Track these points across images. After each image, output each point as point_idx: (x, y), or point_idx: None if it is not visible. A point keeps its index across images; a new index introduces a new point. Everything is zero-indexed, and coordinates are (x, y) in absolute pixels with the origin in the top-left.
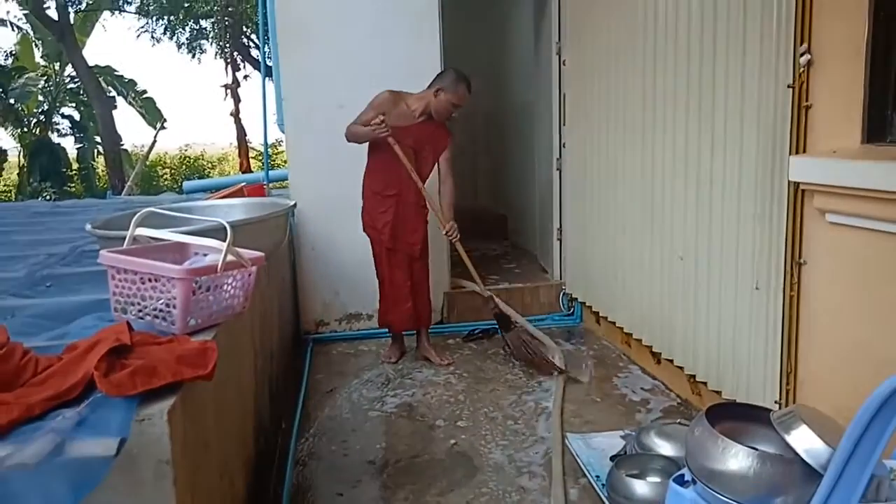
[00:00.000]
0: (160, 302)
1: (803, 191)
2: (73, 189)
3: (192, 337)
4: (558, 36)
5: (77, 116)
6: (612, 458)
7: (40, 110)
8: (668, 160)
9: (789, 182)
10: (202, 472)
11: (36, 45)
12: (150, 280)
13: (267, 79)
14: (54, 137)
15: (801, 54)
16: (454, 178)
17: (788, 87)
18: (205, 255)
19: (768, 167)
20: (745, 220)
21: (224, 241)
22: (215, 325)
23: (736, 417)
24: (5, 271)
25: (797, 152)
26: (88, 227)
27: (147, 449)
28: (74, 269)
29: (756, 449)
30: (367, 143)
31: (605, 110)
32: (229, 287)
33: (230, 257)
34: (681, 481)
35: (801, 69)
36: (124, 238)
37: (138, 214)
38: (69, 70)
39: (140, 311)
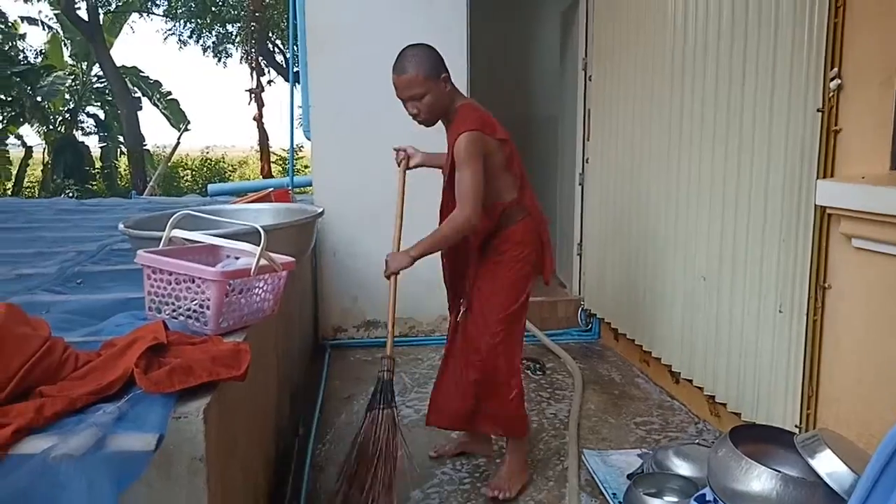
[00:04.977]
0: (194, 303)
1: (829, 215)
2: (95, 187)
3: (224, 338)
4: (585, 51)
5: (102, 115)
6: (629, 476)
7: (66, 109)
8: (694, 180)
9: (816, 206)
10: (230, 471)
11: (65, 45)
12: (185, 281)
13: (294, 86)
14: (79, 136)
15: (832, 79)
16: (465, 208)
17: (818, 111)
18: (236, 258)
19: (795, 191)
20: (770, 243)
21: (254, 244)
22: (245, 327)
23: (759, 439)
24: (37, 267)
25: (825, 176)
26: (121, 226)
27: (182, 446)
28: (104, 268)
29: (779, 471)
30: None
31: (631, 127)
32: (260, 290)
33: (262, 261)
34: (702, 501)
35: (832, 93)
36: (157, 238)
37: (174, 216)
38: (96, 69)
39: (174, 310)
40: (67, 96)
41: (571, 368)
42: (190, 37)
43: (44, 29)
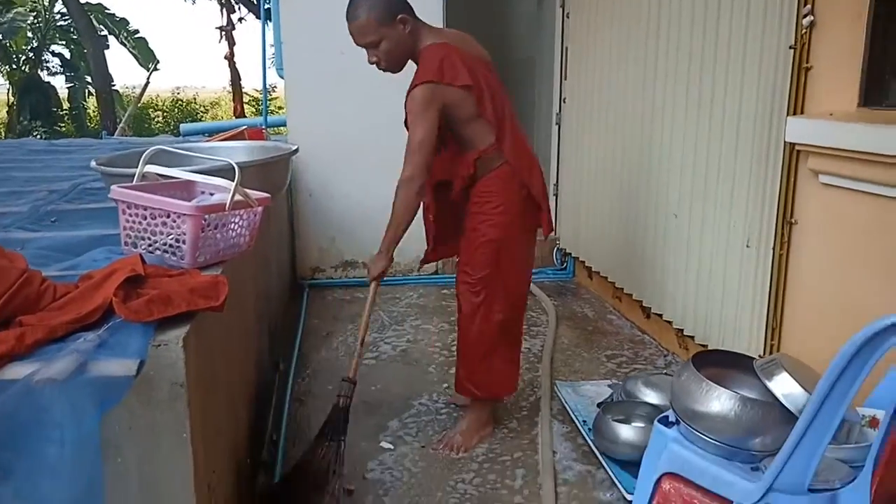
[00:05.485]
0: (170, 237)
1: (798, 151)
2: (64, 129)
3: (201, 272)
4: None
5: (67, 55)
6: (599, 405)
7: (29, 47)
8: (668, 117)
9: (785, 143)
10: (211, 399)
11: None
12: (160, 216)
13: (266, 22)
14: (44, 76)
15: (805, 16)
16: (406, 167)
17: (790, 48)
18: (211, 193)
19: (765, 128)
20: (739, 180)
21: (230, 181)
22: (222, 261)
23: (721, 364)
24: (9, 206)
25: (795, 113)
26: (93, 163)
27: (163, 372)
28: (77, 206)
29: (738, 393)
30: None
31: (607, 65)
32: (236, 226)
33: (238, 197)
34: (665, 422)
35: (804, 30)
36: (130, 175)
37: (147, 151)
38: (59, 6)
39: (150, 245)
40: (30, 34)
41: (546, 305)
42: None
43: None
